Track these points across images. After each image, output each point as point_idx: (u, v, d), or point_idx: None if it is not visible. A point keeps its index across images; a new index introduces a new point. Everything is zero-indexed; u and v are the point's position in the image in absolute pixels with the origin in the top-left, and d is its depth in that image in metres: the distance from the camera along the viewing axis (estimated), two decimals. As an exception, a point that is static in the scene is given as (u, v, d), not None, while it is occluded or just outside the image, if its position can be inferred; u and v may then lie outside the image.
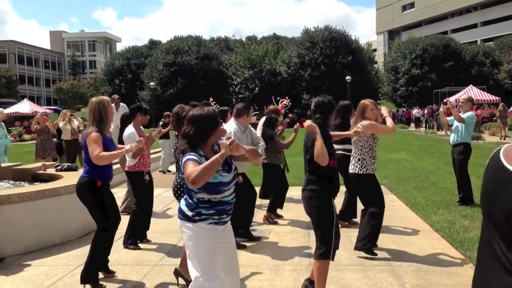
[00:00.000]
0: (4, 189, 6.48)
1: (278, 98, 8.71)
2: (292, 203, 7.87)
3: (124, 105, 10.63)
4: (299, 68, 49.36)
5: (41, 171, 7.57)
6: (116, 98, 10.49)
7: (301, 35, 53.83)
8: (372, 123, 5.18)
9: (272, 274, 4.73)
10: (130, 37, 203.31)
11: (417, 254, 5.23)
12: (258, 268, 4.91)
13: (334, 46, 48.70)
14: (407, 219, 6.90)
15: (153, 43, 69.53)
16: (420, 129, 35.16)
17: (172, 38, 56.36)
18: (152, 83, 48.51)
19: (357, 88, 43.21)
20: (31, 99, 56.78)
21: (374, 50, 78.59)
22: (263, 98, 40.00)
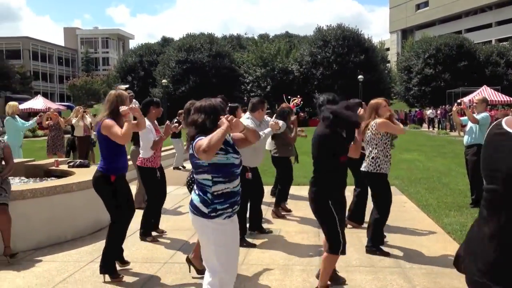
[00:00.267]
0: (17, 184, 6.54)
1: (289, 97, 8.67)
2: (302, 203, 7.85)
3: (135, 101, 10.67)
4: (311, 67, 49.19)
5: (53, 167, 7.63)
6: (129, 94, 10.53)
7: (313, 34, 53.61)
8: (386, 121, 5.21)
9: (282, 274, 4.72)
10: (143, 34, 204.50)
11: (428, 256, 5.19)
12: (267, 267, 4.90)
13: (347, 44, 48.44)
14: (418, 220, 6.84)
15: (165, 41, 69.74)
16: (433, 129, 34.86)
17: (184, 36, 56.40)
18: (164, 81, 48.68)
19: (369, 87, 42.93)
20: (45, 95, 57.30)
21: (387, 49, 78.05)
22: (275, 96, 39.86)
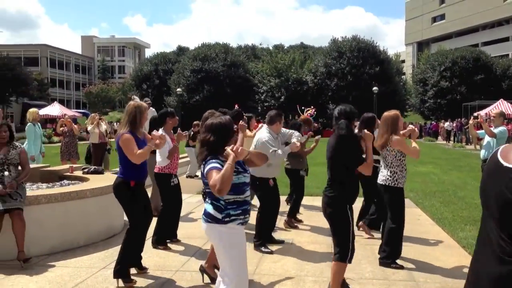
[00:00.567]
0: (32, 190, 6.60)
1: (303, 108, 8.68)
2: (315, 213, 7.81)
3: (153, 109, 10.73)
4: (325, 78, 49.13)
5: (68, 173, 7.69)
6: (147, 101, 10.60)
7: (328, 45, 53.61)
8: (401, 140, 5.20)
9: (294, 285, 4.68)
10: (158, 43, 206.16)
11: (442, 270, 5.11)
12: (279, 278, 4.87)
13: (362, 56, 48.33)
14: (433, 234, 6.75)
15: (181, 50, 70.28)
16: (449, 142, 34.50)
17: (199, 45, 56.79)
18: (178, 89, 48.98)
19: (384, 99, 42.71)
20: (61, 102, 58.03)
21: (403, 61, 77.78)
22: (289, 107, 39.83)
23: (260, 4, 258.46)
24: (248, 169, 3.46)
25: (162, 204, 6.14)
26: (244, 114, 6.98)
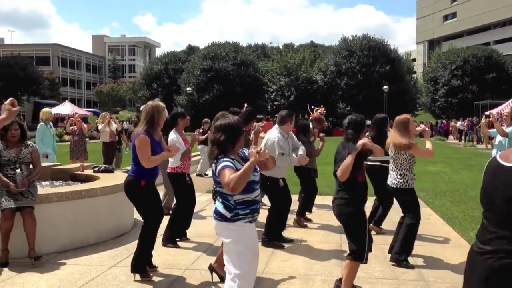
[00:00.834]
0: (43, 188, 6.65)
1: (312, 107, 8.67)
2: (325, 212, 7.79)
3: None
4: (335, 77, 49.00)
5: (78, 172, 7.74)
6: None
7: (338, 44, 53.46)
8: (415, 147, 5.16)
9: (303, 284, 4.67)
10: (169, 43, 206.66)
11: (453, 270, 5.07)
12: (288, 277, 4.86)
13: (372, 55, 48.13)
14: (443, 233, 6.71)
15: (191, 49, 70.45)
16: (460, 142, 34.11)
17: (209, 44, 56.90)
18: (188, 88, 49.12)
19: (395, 98, 42.55)
20: (72, 101, 58.32)
21: (413, 60, 77.31)
22: (299, 106, 39.80)
23: (270, 2, 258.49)
24: (258, 169, 3.52)
25: (175, 203, 6.20)
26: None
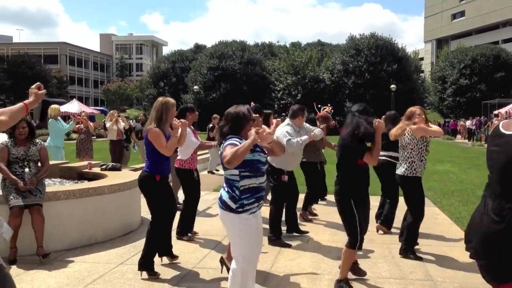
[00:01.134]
0: (52, 186, 6.69)
1: (319, 106, 8.64)
2: (332, 210, 7.76)
3: None
4: (342, 76, 48.87)
5: (86, 170, 7.77)
6: None
7: (346, 42, 53.30)
8: (421, 126, 5.30)
9: (310, 283, 4.66)
10: (176, 41, 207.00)
11: (461, 270, 5.04)
12: (295, 276, 4.86)
13: (380, 54, 47.95)
14: (451, 233, 6.67)
15: (198, 47, 70.54)
16: (469, 141, 33.87)
17: (216, 43, 56.94)
18: (195, 87, 49.17)
19: (402, 97, 42.34)
20: (80, 99, 58.63)
21: (421, 58, 76.90)
22: (305, 104, 39.07)
23: (277, 1, 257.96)
24: (266, 152, 3.66)
25: (184, 199, 6.28)
26: (263, 110, 7.06)
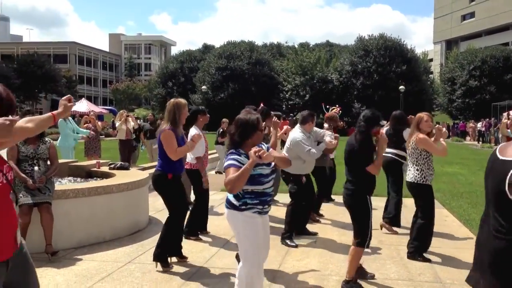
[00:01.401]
0: (61, 184, 6.72)
1: (328, 106, 8.63)
2: (340, 211, 7.74)
3: None
4: (351, 76, 48.74)
5: (95, 169, 7.81)
6: None
7: (354, 43, 53.14)
8: (425, 138, 5.31)
9: (318, 283, 4.65)
10: (184, 41, 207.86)
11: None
12: (302, 276, 4.85)
13: (389, 55, 47.76)
14: (460, 235, 6.64)
15: (206, 48, 70.67)
16: (478, 143, 33.56)
17: (225, 43, 57.00)
18: (204, 87, 49.27)
19: (411, 98, 42.17)
20: (89, 98, 59.01)
21: (430, 60, 76.52)
22: (314, 105, 39.64)
23: (286, 2, 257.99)
24: (272, 164, 3.61)
25: (195, 199, 6.37)
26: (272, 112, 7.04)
